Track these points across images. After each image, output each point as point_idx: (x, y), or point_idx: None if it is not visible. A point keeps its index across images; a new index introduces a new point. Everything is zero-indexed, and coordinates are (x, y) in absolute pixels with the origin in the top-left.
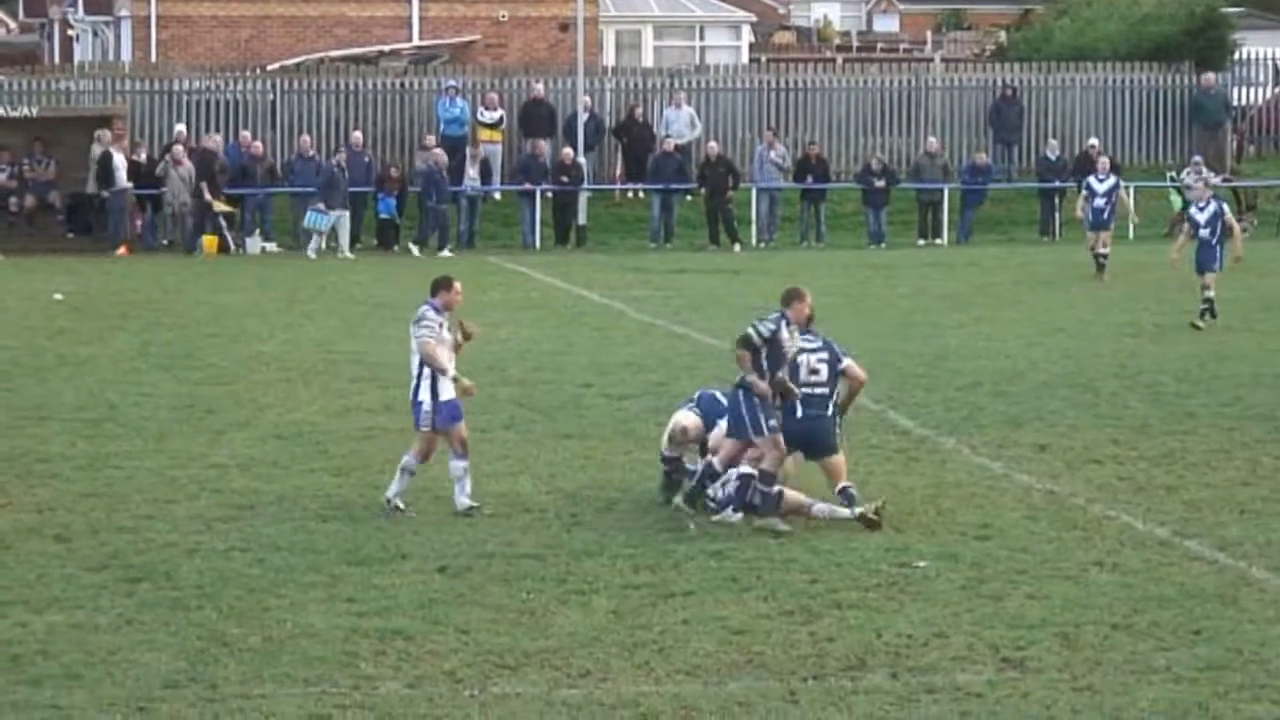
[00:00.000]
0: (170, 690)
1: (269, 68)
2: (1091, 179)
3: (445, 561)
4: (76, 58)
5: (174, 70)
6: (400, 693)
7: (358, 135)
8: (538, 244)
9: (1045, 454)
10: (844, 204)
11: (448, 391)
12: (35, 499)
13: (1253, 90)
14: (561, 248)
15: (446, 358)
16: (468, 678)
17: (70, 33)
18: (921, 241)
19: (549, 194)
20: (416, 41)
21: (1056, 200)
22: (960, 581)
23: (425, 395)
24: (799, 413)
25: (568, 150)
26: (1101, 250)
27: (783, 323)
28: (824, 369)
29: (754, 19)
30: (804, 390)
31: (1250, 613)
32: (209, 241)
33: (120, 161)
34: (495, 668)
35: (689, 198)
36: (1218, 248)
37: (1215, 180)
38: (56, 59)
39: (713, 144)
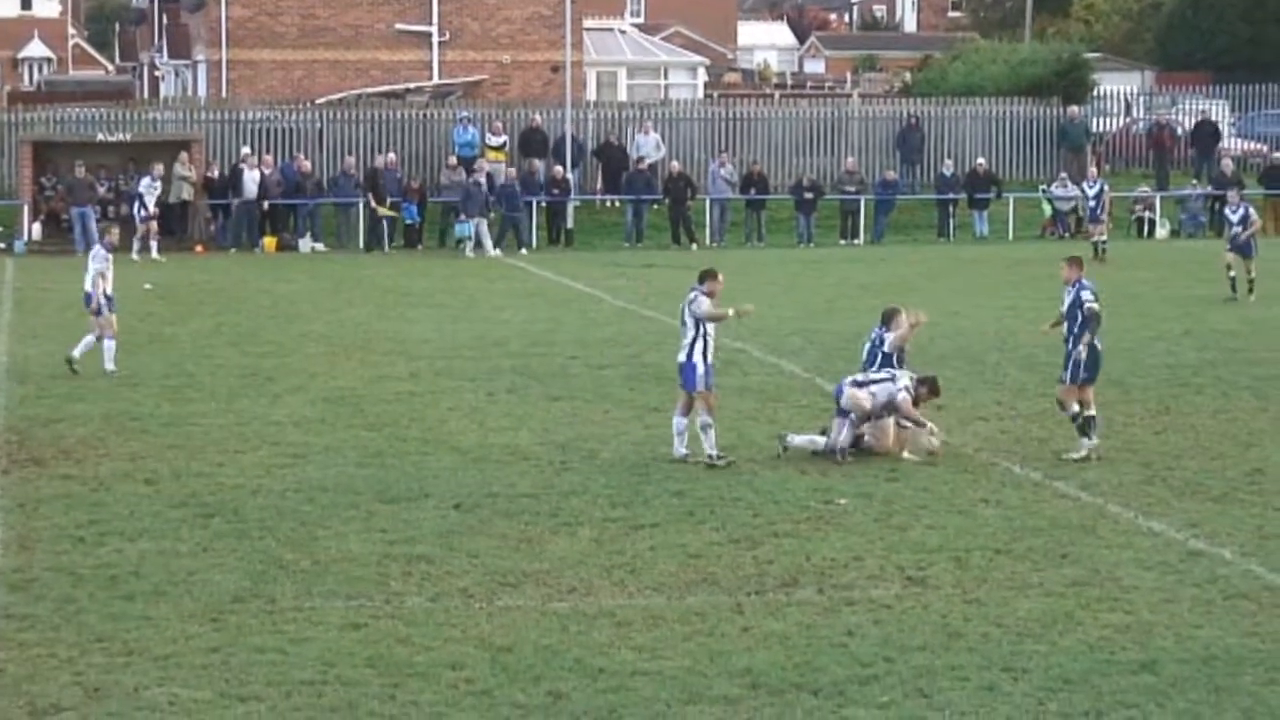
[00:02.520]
0: (238, 604)
1: (317, 101)
2: (1085, 184)
3: (460, 499)
4: (162, 93)
5: (240, 104)
6: (423, 605)
7: (392, 156)
8: (534, 244)
9: (942, 412)
10: (780, 211)
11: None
12: (129, 450)
13: (1108, 119)
14: (553, 247)
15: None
16: (478, 593)
17: (157, 73)
18: (842, 242)
19: (543, 203)
20: (436, 80)
21: (951, 208)
22: (874, 515)
23: (699, 359)
24: None
25: (558, 168)
26: (1097, 239)
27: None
28: None
29: (708, 62)
30: None
31: (1106, 540)
32: (269, 242)
33: (252, 176)
34: (500, 585)
35: (656, 206)
36: (1251, 241)
37: (1078, 192)
38: (146, 94)
39: (675, 163)
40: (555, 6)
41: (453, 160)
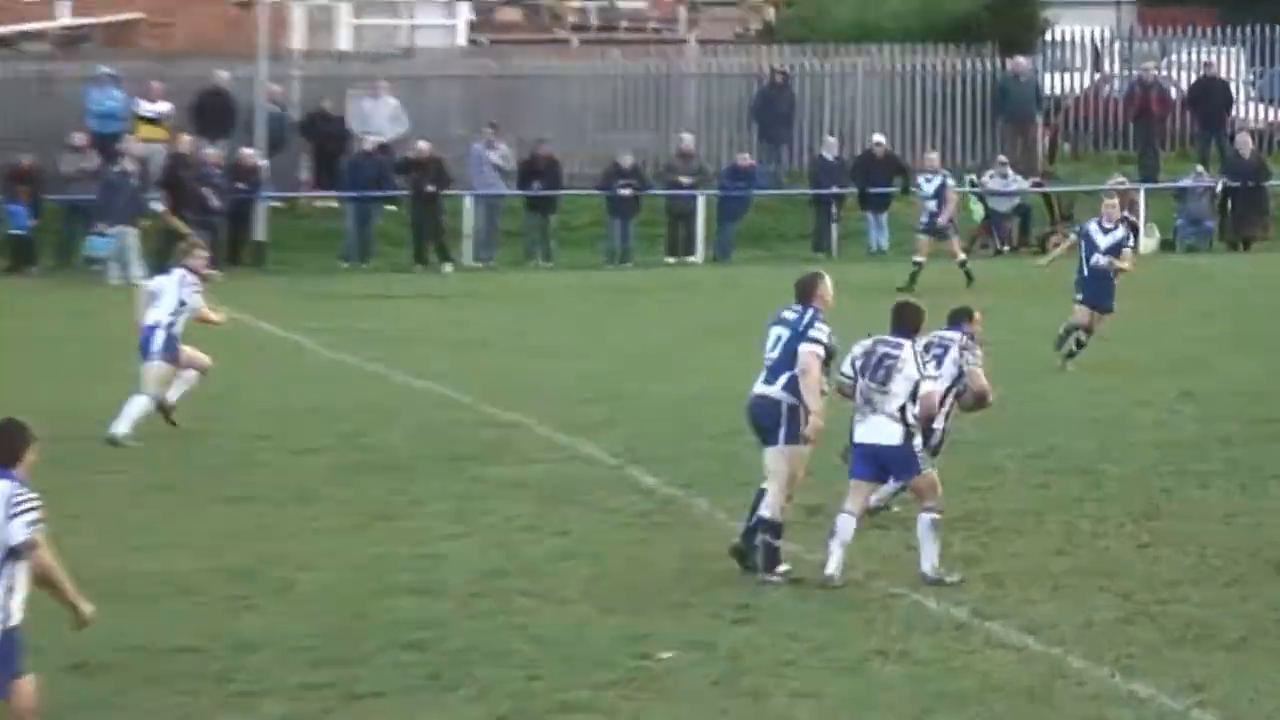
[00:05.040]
0: None
1: None
2: (921, 178)
3: (82, 658)
4: None
5: None
6: None
7: None
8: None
9: (817, 517)
10: (579, 215)
11: None
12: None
13: (1068, 77)
14: (234, 268)
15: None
16: None
17: None
18: (671, 259)
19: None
20: (65, 21)
21: (834, 209)
22: (714, 675)
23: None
24: None
25: (245, 150)
26: (923, 258)
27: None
28: None
29: None
30: None
31: (1064, 711)
32: None
33: None
34: None
35: (392, 208)
36: (1113, 281)
37: (1024, 185)
38: None
39: (422, 143)
40: None
41: (81, 138)
